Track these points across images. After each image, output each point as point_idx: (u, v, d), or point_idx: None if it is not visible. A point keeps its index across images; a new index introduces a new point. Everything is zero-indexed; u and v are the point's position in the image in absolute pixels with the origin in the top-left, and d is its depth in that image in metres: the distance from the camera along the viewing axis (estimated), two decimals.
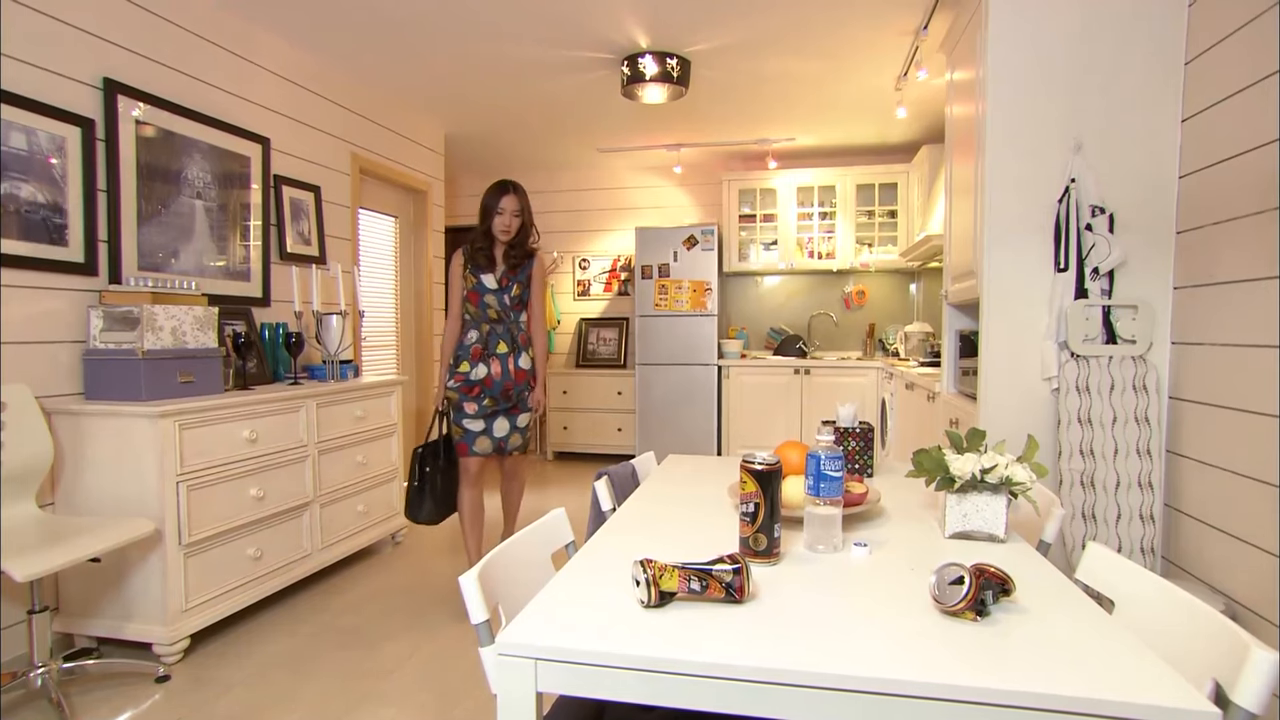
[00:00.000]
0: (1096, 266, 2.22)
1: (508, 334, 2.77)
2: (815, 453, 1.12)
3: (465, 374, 2.73)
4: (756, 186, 5.33)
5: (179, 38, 2.80)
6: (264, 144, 3.24)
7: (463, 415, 2.74)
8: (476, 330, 2.76)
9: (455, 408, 2.74)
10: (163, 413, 2.23)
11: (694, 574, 0.91)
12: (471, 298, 2.76)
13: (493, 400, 2.74)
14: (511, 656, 0.81)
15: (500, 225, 2.70)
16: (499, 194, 2.71)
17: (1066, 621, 0.87)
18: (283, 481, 2.75)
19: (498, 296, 2.75)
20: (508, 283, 2.76)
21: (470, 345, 2.75)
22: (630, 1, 2.94)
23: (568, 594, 0.96)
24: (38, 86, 2.27)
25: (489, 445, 2.77)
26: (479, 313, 2.76)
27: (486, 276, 2.74)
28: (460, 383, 2.73)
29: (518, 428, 2.83)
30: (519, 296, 2.78)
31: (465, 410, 2.73)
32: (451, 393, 2.74)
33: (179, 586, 2.29)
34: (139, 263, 2.63)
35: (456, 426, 2.75)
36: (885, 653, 0.79)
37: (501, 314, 2.76)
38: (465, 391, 2.73)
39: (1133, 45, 2.20)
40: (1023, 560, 1.09)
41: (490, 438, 2.77)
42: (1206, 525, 2.02)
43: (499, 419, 2.78)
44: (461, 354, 2.75)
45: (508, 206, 2.69)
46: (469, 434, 2.74)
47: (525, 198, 2.76)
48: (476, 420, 2.74)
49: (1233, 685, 0.74)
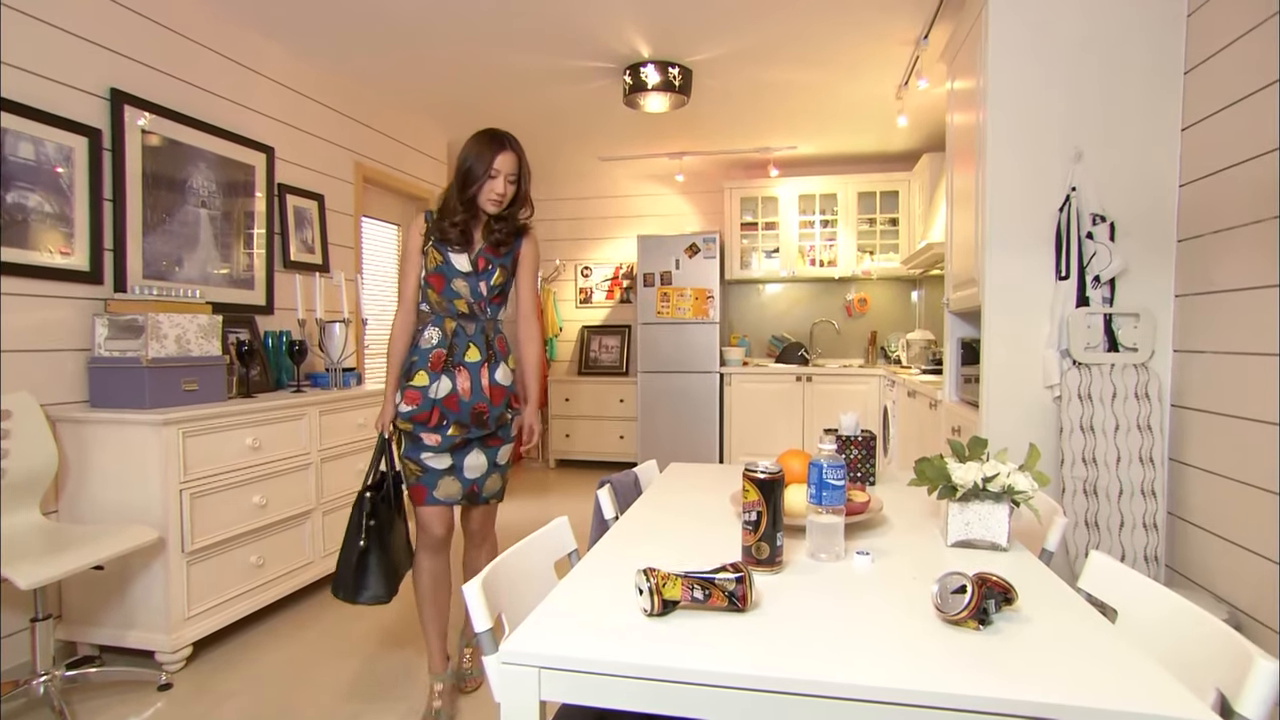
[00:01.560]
0: (1098, 274, 2.22)
1: (481, 336, 2.03)
2: (817, 461, 1.12)
3: (422, 390, 1.98)
4: (758, 194, 5.35)
5: (185, 48, 2.82)
6: (268, 153, 3.26)
7: (419, 448, 1.98)
8: (438, 328, 2.01)
9: (409, 438, 2.00)
10: (167, 421, 2.24)
11: (697, 583, 0.91)
12: (434, 282, 2.01)
13: (460, 427, 1.99)
14: (515, 665, 0.81)
15: (491, 194, 1.95)
16: (491, 149, 1.94)
17: (1069, 631, 0.88)
18: (285, 489, 2.76)
19: (471, 283, 2.00)
20: (487, 266, 2.02)
21: (429, 350, 1.99)
22: (632, 11, 2.96)
23: (571, 602, 0.97)
24: (47, 97, 2.29)
25: (457, 490, 2.02)
26: (443, 303, 2.01)
27: (458, 255, 1.99)
28: (415, 403, 1.97)
29: (497, 465, 2.08)
30: (500, 286, 2.05)
31: (423, 441, 1.98)
32: (404, 421, 1.98)
33: (181, 594, 2.29)
34: (144, 271, 2.65)
35: (410, 463, 2.01)
36: (888, 662, 0.79)
37: (474, 308, 2.02)
38: (423, 418, 1.97)
39: (1132, 55, 2.21)
40: (1025, 569, 1.09)
41: (459, 479, 2.02)
42: (1210, 533, 2.01)
43: (471, 452, 2.02)
44: (417, 361, 2.00)
45: (503, 167, 1.95)
46: (429, 473, 1.99)
47: (525, 158, 2.02)
48: (440, 455, 1.99)
49: (1236, 695, 0.74)
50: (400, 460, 2.05)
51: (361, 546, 2.00)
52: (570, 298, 6.06)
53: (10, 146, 2.17)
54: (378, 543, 2.01)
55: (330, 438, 3.00)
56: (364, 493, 2.03)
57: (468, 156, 1.96)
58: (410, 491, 2.04)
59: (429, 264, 2.02)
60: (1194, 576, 2.10)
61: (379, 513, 2.03)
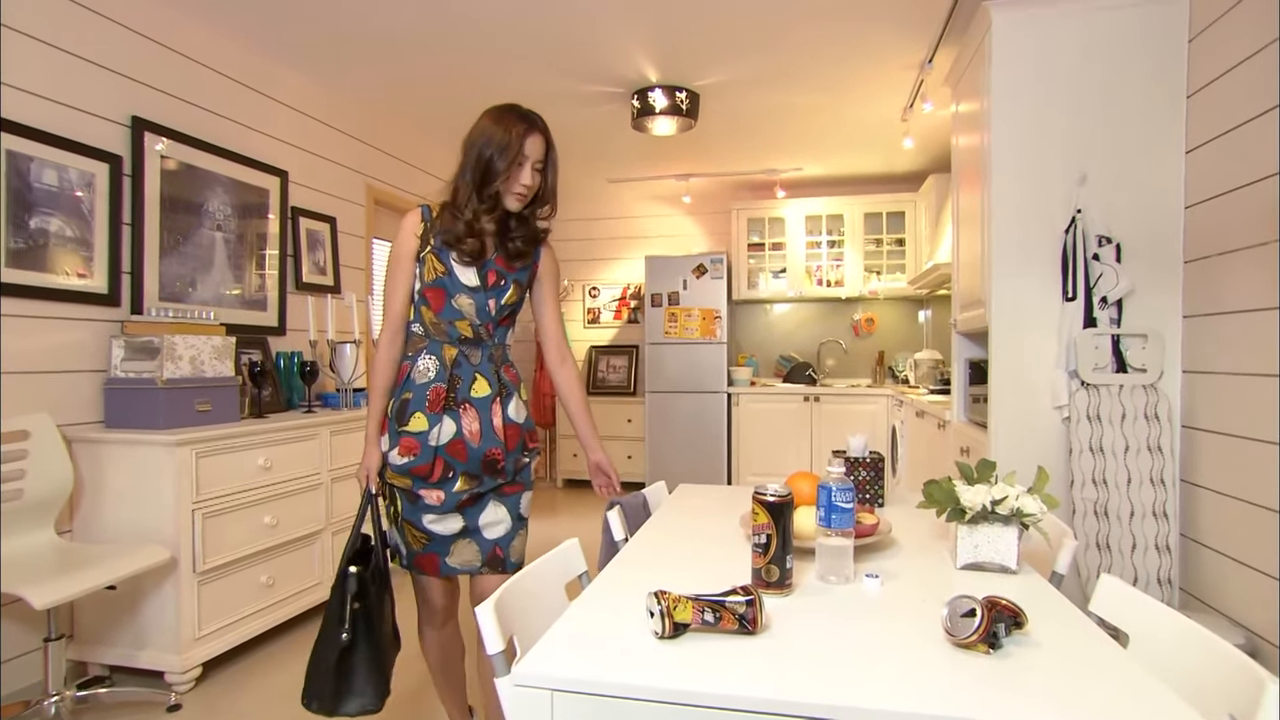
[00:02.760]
0: (1105, 296, 2.23)
1: (489, 365, 1.64)
2: (826, 484, 1.13)
3: (420, 436, 1.58)
4: (765, 215, 5.39)
5: (203, 76, 2.89)
6: (282, 177, 3.32)
7: (421, 510, 1.60)
8: (434, 357, 1.61)
9: (406, 495, 1.61)
10: (180, 441, 2.26)
11: (708, 605, 0.92)
12: (431, 297, 1.60)
13: (469, 479, 1.61)
14: (528, 687, 0.82)
15: (518, 186, 1.57)
16: (521, 128, 1.55)
17: (1079, 655, 0.88)
18: (296, 509, 2.77)
19: (478, 301, 1.61)
20: (499, 281, 1.63)
21: (425, 385, 1.60)
22: (641, 37, 3.02)
23: (582, 625, 0.97)
24: (71, 125, 2.35)
25: (476, 556, 1.64)
26: (440, 324, 1.61)
27: (464, 267, 1.60)
28: (413, 454, 1.58)
29: (522, 518, 1.69)
30: (512, 306, 1.67)
31: (424, 502, 1.60)
32: (398, 476, 1.60)
33: (192, 614, 2.30)
34: (160, 293, 2.69)
35: (411, 528, 1.62)
36: (898, 684, 0.80)
37: (480, 331, 1.63)
38: (423, 470, 1.58)
39: (1135, 79, 2.24)
40: (1035, 592, 1.09)
41: (478, 541, 1.63)
42: (1224, 556, 2.00)
43: (487, 506, 1.64)
44: (412, 400, 1.59)
45: (531, 152, 1.56)
46: (437, 540, 1.62)
47: (554, 143, 1.64)
48: (446, 518, 1.61)
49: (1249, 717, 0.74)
50: (396, 523, 1.65)
51: (344, 641, 1.54)
52: (578, 318, 6.10)
53: (36, 174, 2.23)
54: (365, 634, 1.57)
55: (341, 458, 3.02)
56: (346, 568, 1.58)
57: (489, 140, 1.55)
58: (417, 561, 1.64)
59: (426, 274, 1.60)
60: (1208, 600, 2.08)
61: (366, 592, 1.59)
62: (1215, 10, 2.05)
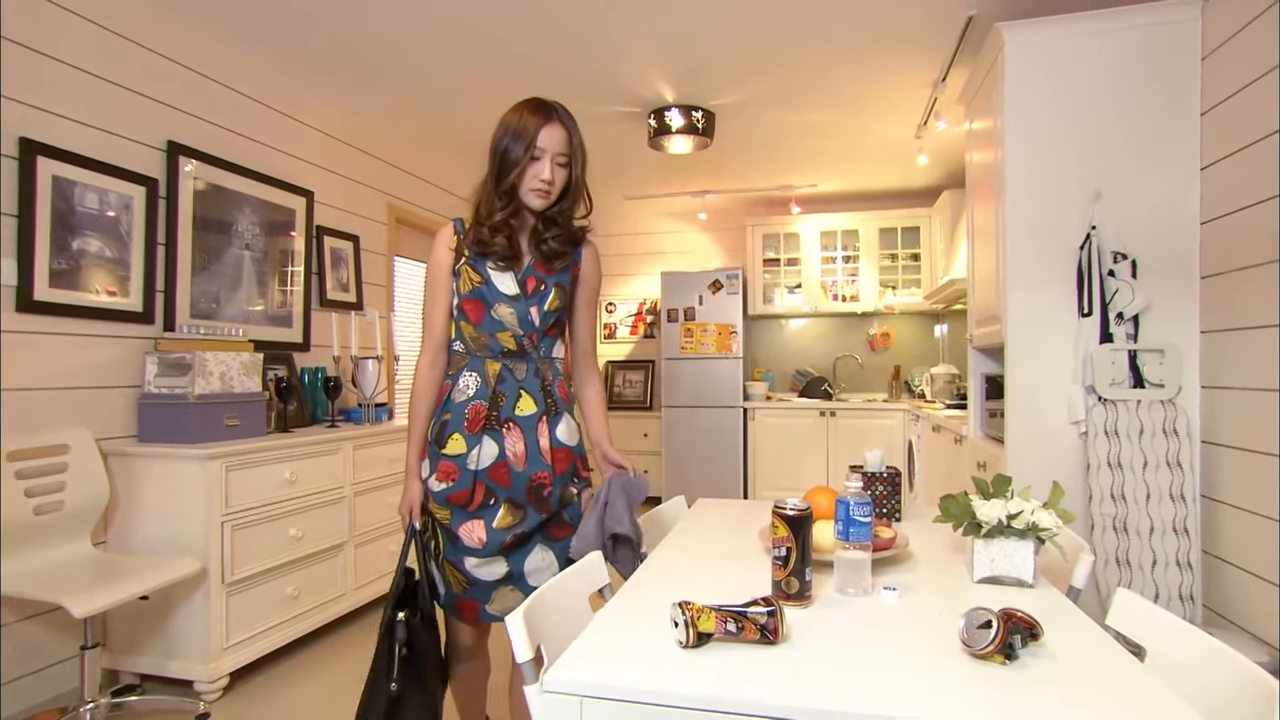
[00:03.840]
0: (1121, 311, 2.24)
1: (536, 380, 1.53)
2: (844, 499, 1.16)
3: (458, 460, 1.49)
4: (780, 231, 5.43)
5: (235, 101, 2.99)
6: (308, 197, 3.41)
7: (461, 552, 1.49)
8: (476, 373, 1.52)
9: (447, 532, 1.51)
10: (211, 455, 2.33)
11: (730, 616, 0.95)
12: (470, 309, 1.51)
13: (513, 509, 1.49)
14: (558, 694, 0.86)
15: (536, 181, 1.47)
16: (535, 121, 1.47)
17: (1095, 667, 0.90)
18: (320, 522, 2.82)
19: (519, 309, 1.51)
20: (539, 286, 1.53)
21: (465, 403, 1.50)
22: (658, 59, 3.08)
23: (608, 634, 1.01)
24: (112, 151, 2.45)
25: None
26: (481, 338, 1.52)
27: (501, 274, 1.51)
28: (451, 479, 1.48)
29: (570, 562, 1.46)
30: (556, 312, 1.55)
31: (463, 541, 1.49)
32: (439, 507, 1.51)
33: (221, 625, 2.35)
34: (191, 310, 2.77)
35: (452, 568, 1.52)
36: (915, 693, 0.82)
37: (524, 342, 1.52)
38: (461, 498, 1.48)
39: (1147, 96, 2.26)
40: (1051, 606, 1.11)
41: (521, 589, 1.51)
42: (1248, 573, 1.99)
43: (533, 551, 1.52)
44: (450, 420, 1.50)
45: (550, 145, 1.47)
46: (479, 586, 1.51)
47: (578, 134, 1.53)
48: (490, 562, 1.50)
49: None
50: (437, 560, 1.55)
51: (393, 693, 1.45)
52: None
53: (79, 197, 2.32)
54: (415, 682, 1.48)
55: (363, 472, 3.08)
56: (394, 614, 1.49)
57: (504, 134, 1.48)
58: (456, 606, 1.52)
59: (462, 286, 1.51)
60: (1232, 617, 2.06)
61: (415, 640, 1.49)
62: (1228, 29, 2.07)
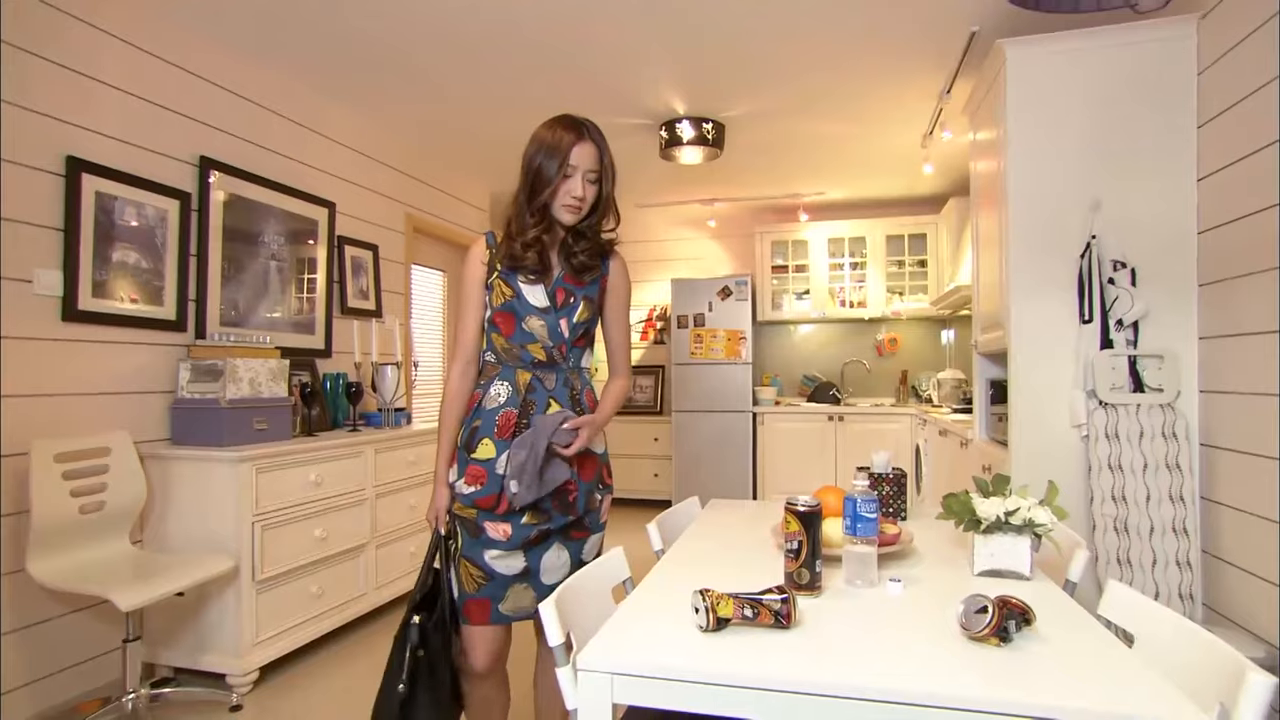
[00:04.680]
0: (1120, 318, 2.31)
1: (565, 390, 1.58)
2: (852, 496, 1.24)
3: (487, 464, 1.52)
4: (788, 238, 5.51)
5: (261, 116, 3.11)
6: (330, 208, 3.52)
7: (482, 545, 1.52)
8: (507, 383, 1.56)
9: (469, 529, 1.54)
10: (242, 457, 2.43)
11: (747, 602, 1.03)
12: (501, 322, 1.56)
13: (537, 513, 1.53)
14: (591, 672, 0.94)
15: (568, 198, 1.53)
16: (568, 139, 1.52)
17: (1084, 649, 0.97)
18: (343, 523, 2.92)
19: (549, 322, 1.56)
20: (568, 299, 1.58)
21: (495, 411, 1.54)
22: (669, 73, 3.18)
23: (634, 620, 1.09)
24: (148, 166, 2.56)
25: (530, 602, 1.55)
26: (512, 350, 1.56)
27: (531, 287, 1.56)
28: (479, 483, 1.51)
29: (581, 562, 1.61)
30: (585, 324, 1.60)
31: (488, 535, 1.52)
32: (465, 508, 1.53)
33: (251, 621, 2.45)
34: (220, 318, 2.88)
35: (469, 565, 1.53)
36: (916, 671, 0.90)
37: (553, 353, 1.57)
38: (488, 502, 1.51)
39: (1146, 110, 2.33)
40: (1046, 596, 1.18)
41: (534, 586, 1.56)
42: (1247, 572, 2.05)
43: (550, 548, 1.57)
44: (481, 426, 1.54)
45: (581, 162, 1.52)
46: (495, 581, 1.53)
47: (608, 152, 1.59)
48: (511, 556, 1.53)
49: (1233, 707, 0.83)
50: (454, 560, 1.56)
51: (402, 694, 1.48)
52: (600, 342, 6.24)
53: (119, 211, 2.43)
54: (427, 685, 1.51)
55: (384, 474, 3.17)
56: (410, 616, 1.52)
57: (538, 151, 1.53)
58: (466, 607, 1.53)
59: (494, 300, 1.56)
60: (1232, 615, 2.12)
61: (429, 641, 1.53)
62: (1223, 45, 2.14)
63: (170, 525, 2.49)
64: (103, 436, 2.28)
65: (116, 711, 2.09)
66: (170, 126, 2.66)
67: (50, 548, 2.07)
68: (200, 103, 2.79)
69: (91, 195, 2.34)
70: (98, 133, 2.38)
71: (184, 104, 2.71)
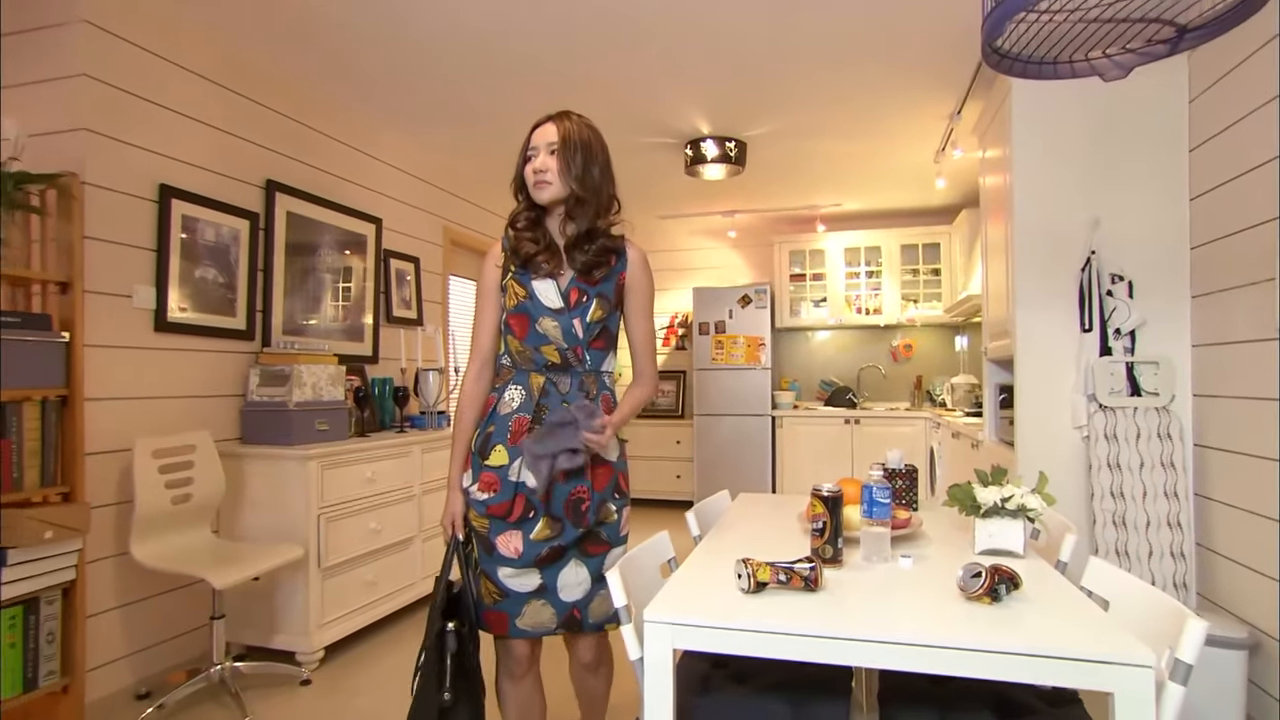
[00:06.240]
0: (1119, 327, 2.50)
1: (579, 393, 1.55)
2: (868, 484, 1.45)
3: (499, 471, 1.51)
4: (806, 248, 5.71)
5: (319, 140, 3.37)
6: (377, 223, 3.78)
7: (496, 561, 1.52)
8: (521, 386, 1.55)
9: (483, 542, 1.54)
10: (309, 455, 2.67)
11: (781, 569, 1.24)
12: (515, 324, 1.55)
13: (551, 524, 1.51)
14: (655, 623, 1.15)
15: (532, 175, 1.56)
16: (533, 126, 1.61)
17: (1061, 608, 1.17)
18: (394, 517, 3.16)
19: (562, 323, 1.54)
20: (581, 298, 1.55)
21: (509, 416, 1.53)
22: (695, 96, 3.40)
23: (686, 586, 1.30)
24: (225, 191, 2.83)
25: (550, 618, 1.54)
26: (526, 352, 1.55)
27: (543, 283, 1.55)
28: (492, 490, 1.51)
29: (602, 576, 1.54)
30: (601, 323, 1.57)
31: (499, 551, 1.51)
32: (478, 517, 1.54)
33: (318, 604, 2.69)
34: (283, 328, 3.13)
35: (486, 581, 1.54)
36: (921, 623, 1.10)
37: (568, 355, 1.55)
38: (500, 509, 1.51)
39: (1142, 134, 2.52)
40: (1035, 569, 1.38)
41: (553, 603, 1.53)
42: (1235, 562, 2.22)
43: (567, 565, 1.54)
44: (494, 432, 1.53)
45: (540, 140, 1.57)
46: (512, 598, 1.52)
47: (581, 132, 1.58)
48: (525, 573, 1.52)
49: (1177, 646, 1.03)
50: (473, 570, 1.56)
51: (446, 702, 1.46)
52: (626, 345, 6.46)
53: (201, 232, 2.69)
54: (466, 692, 1.51)
55: (430, 472, 3.41)
56: (444, 625, 1.51)
57: None
58: (485, 617, 1.53)
59: (508, 301, 1.55)
60: (1222, 603, 2.30)
61: (464, 649, 1.51)
62: (1211, 76, 2.33)
63: (243, 516, 2.74)
64: (188, 435, 2.53)
65: (205, 681, 2.33)
66: (242, 153, 2.92)
67: (149, 534, 2.32)
68: (267, 130, 3.05)
69: (179, 219, 2.60)
70: (184, 162, 2.64)
71: (253, 132, 2.98)
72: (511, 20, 2.65)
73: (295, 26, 2.65)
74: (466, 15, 2.60)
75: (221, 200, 2.80)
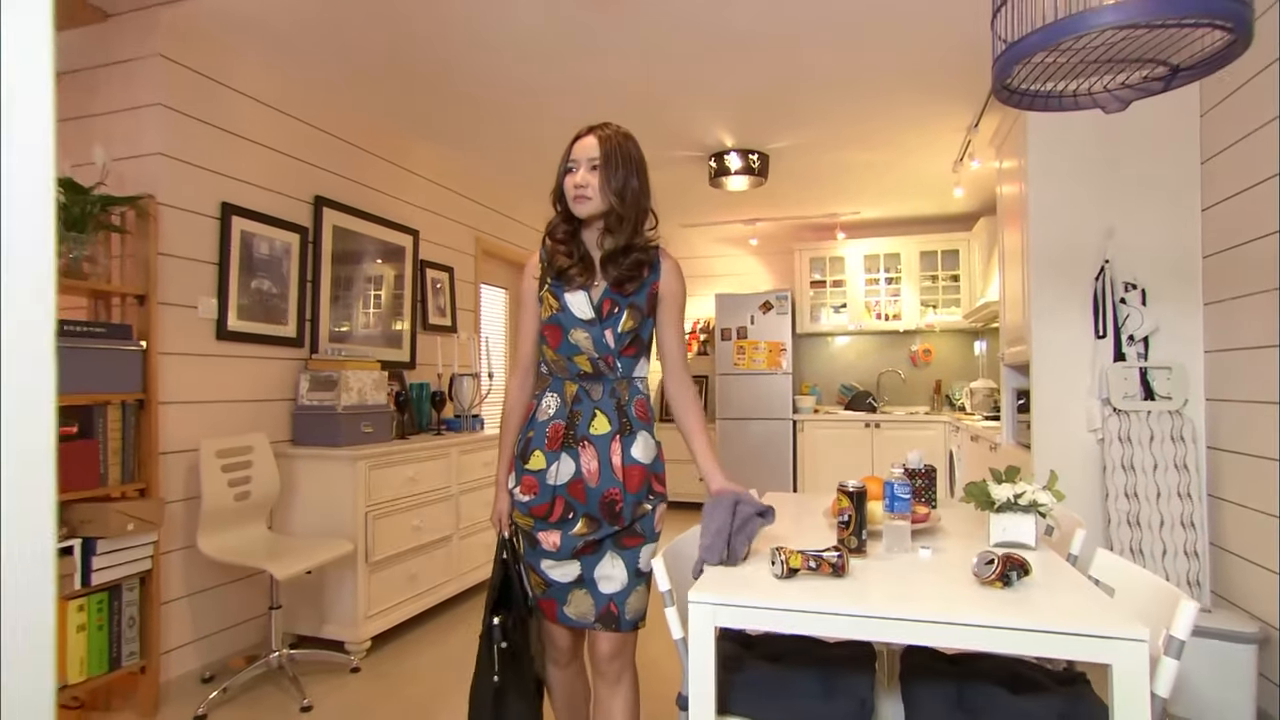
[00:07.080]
0: (1132, 334, 2.59)
1: (610, 400, 1.62)
2: (889, 481, 1.57)
3: (539, 475, 1.60)
4: (826, 255, 5.82)
5: (362, 157, 3.55)
6: (414, 235, 3.95)
7: (539, 554, 1.61)
8: (556, 394, 1.63)
9: (528, 537, 1.64)
10: (357, 456, 2.83)
11: (811, 557, 1.36)
12: (550, 335, 1.62)
13: (590, 522, 1.59)
14: (700, 603, 1.28)
15: (573, 189, 1.58)
16: (573, 139, 1.64)
17: (1067, 593, 1.28)
18: (433, 516, 3.31)
19: (594, 333, 1.59)
20: (613, 309, 1.60)
21: (546, 422, 1.61)
22: (720, 111, 3.54)
23: (723, 573, 1.43)
24: (278, 207, 3.01)
25: (590, 609, 1.60)
26: (560, 361, 1.63)
27: (575, 295, 1.60)
28: (533, 492, 1.60)
29: (640, 574, 1.62)
30: (632, 333, 1.62)
31: (542, 545, 1.60)
32: (522, 516, 1.63)
33: (366, 597, 2.85)
34: (329, 335, 3.31)
35: (533, 573, 1.64)
36: (938, 605, 1.22)
37: (599, 364, 1.61)
38: (542, 510, 1.59)
39: (1154, 146, 2.61)
40: (1045, 559, 1.49)
41: (593, 594, 1.60)
42: (1247, 561, 2.30)
43: (604, 557, 1.60)
44: (534, 438, 1.62)
45: (580, 154, 1.60)
46: (555, 588, 1.61)
47: (623, 146, 1.62)
48: (564, 564, 1.60)
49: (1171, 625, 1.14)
50: (521, 564, 1.68)
51: (496, 684, 1.63)
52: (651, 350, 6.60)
53: (256, 247, 2.87)
54: (514, 672, 1.65)
55: (466, 474, 3.56)
56: (491, 619, 1.64)
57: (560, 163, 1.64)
58: (540, 604, 1.66)
59: (543, 313, 1.62)
60: (1235, 600, 2.38)
61: (510, 637, 1.64)
62: (1222, 91, 2.42)
63: (295, 513, 2.91)
64: (247, 437, 2.71)
65: (264, 667, 2.49)
66: (294, 171, 3.10)
67: (214, 528, 2.49)
68: (316, 149, 3.24)
69: (238, 234, 2.78)
70: (243, 181, 2.83)
71: (304, 151, 3.16)
72: (543, 42, 2.81)
73: (367, 70, 2.84)
74: (509, 41, 2.76)
75: (276, 216, 2.98)
